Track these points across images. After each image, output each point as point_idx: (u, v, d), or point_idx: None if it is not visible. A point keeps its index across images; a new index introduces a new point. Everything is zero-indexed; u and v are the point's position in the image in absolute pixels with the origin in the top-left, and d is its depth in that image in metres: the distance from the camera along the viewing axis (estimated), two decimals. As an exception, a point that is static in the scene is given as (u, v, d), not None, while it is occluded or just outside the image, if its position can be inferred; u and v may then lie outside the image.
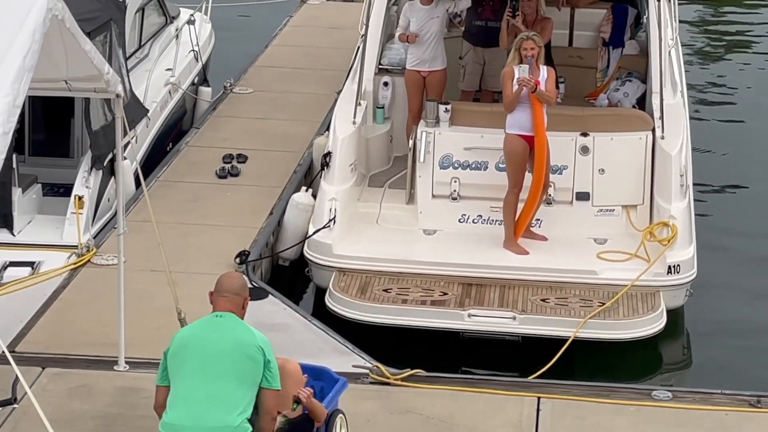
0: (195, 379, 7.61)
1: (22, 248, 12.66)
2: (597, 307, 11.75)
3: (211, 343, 7.65)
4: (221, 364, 7.60)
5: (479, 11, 14.44)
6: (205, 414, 7.57)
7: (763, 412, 10.15)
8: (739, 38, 23.43)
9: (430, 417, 10.00)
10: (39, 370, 10.51)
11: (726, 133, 18.46)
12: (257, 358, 7.64)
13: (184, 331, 7.91)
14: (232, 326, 7.77)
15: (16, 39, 8.03)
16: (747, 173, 16.96)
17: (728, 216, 15.46)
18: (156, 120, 15.57)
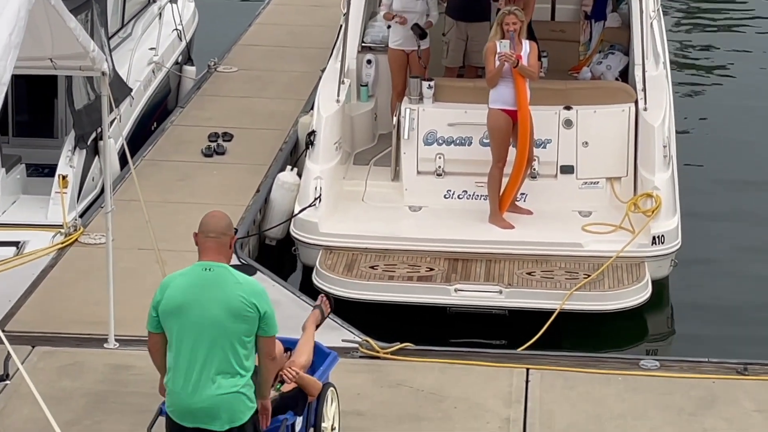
0: (194, 347, 7.60)
1: (6, 228, 12.64)
2: (583, 279, 11.80)
3: (205, 309, 7.57)
4: (217, 330, 7.56)
5: None
6: (207, 382, 7.53)
7: (750, 380, 10.21)
8: (722, 9, 23.45)
9: (420, 390, 10.03)
10: (29, 348, 10.50)
11: (709, 103, 18.51)
12: (251, 316, 7.58)
13: (174, 285, 7.68)
14: (223, 281, 7.63)
15: (1, 16, 8.03)
16: (731, 142, 17.05)
17: (713, 186, 15.52)
18: (140, 99, 15.56)
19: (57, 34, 9.30)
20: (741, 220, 14.67)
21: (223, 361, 7.59)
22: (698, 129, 17.47)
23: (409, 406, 9.80)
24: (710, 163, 16.26)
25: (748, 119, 17.84)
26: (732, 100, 18.67)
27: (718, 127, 17.66)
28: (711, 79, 19.72)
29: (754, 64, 20.37)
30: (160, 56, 16.51)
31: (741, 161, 16.39)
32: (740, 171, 16.10)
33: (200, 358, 7.58)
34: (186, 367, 7.61)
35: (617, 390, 10.05)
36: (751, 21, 22.76)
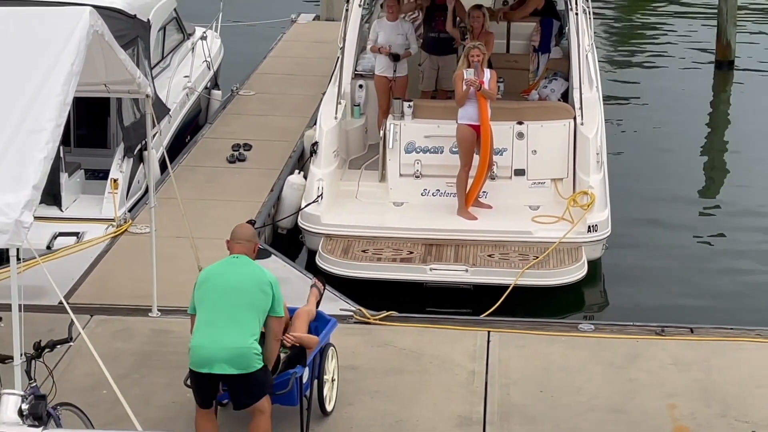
0: (216, 308, 7.65)
1: (69, 222, 12.63)
2: (532, 260, 11.79)
3: (230, 278, 7.70)
4: (238, 295, 7.65)
5: (433, 25, 14.38)
6: (224, 337, 7.60)
7: (666, 339, 10.24)
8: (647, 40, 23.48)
9: (402, 348, 10.04)
10: (88, 317, 10.51)
11: (634, 117, 18.49)
12: (268, 291, 7.70)
13: (208, 269, 7.92)
14: (247, 265, 7.82)
15: (65, 49, 8.04)
16: (653, 147, 17.02)
17: (637, 184, 15.48)
18: (176, 117, 15.50)
19: (109, 63, 9.28)
20: (660, 211, 14.65)
21: (240, 321, 7.62)
22: (626, 138, 17.46)
23: (394, 361, 9.81)
24: (635, 164, 16.25)
25: (665, 130, 17.85)
26: (652, 114, 18.67)
27: (642, 136, 17.66)
28: (635, 99, 19.71)
29: (671, 84, 20.39)
30: (192, 82, 16.45)
31: (660, 162, 16.39)
32: (659, 170, 16.08)
33: (220, 313, 7.60)
34: (207, 321, 7.63)
35: (560, 348, 10.07)
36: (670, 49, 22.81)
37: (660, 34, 24.02)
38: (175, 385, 9.23)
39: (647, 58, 22.37)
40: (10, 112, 7.54)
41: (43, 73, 7.81)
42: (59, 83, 7.76)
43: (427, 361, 9.79)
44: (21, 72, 7.83)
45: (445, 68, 14.29)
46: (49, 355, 7.89)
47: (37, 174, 7.27)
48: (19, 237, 6.95)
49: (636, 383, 9.46)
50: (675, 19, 25.12)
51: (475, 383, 9.45)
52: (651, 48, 23.10)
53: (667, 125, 18.03)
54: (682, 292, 12.44)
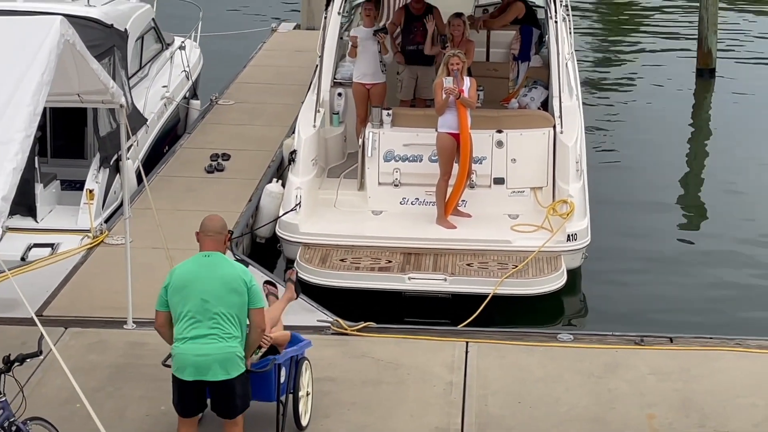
0: (196, 317, 7.62)
1: (44, 233, 12.50)
2: (511, 269, 11.72)
3: (206, 286, 7.63)
4: (216, 303, 7.62)
5: (411, 37, 14.26)
6: (207, 344, 7.58)
7: (646, 348, 10.17)
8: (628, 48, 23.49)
9: (380, 360, 9.94)
10: (62, 329, 10.40)
11: (614, 127, 18.48)
12: (241, 288, 7.64)
13: (180, 270, 7.80)
14: (219, 264, 7.72)
15: (35, 59, 7.94)
16: (633, 156, 17.00)
17: (617, 192, 15.45)
18: (154, 127, 15.38)
19: (82, 73, 9.18)
20: (639, 220, 14.63)
21: (220, 326, 7.56)
22: (606, 146, 17.45)
23: (372, 373, 9.71)
24: (615, 173, 16.23)
25: (646, 138, 17.86)
26: (633, 122, 18.69)
27: (623, 144, 17.64)
28: (616, 107, 19.72)
29: (652, 92, 20.39)
30: (170, 92, 16.33)
31: (641, 171, 16.38)
32: (639, 179, 16.07)
33: (201, 323, 7.56)
34: (189, 331, 7.59)
35: (539, 358, 9.99)
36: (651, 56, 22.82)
37: (641, 42, 24.04)
38: (150, 398, 9.15)
39: (628, 66, 22.38)
40: (-21, 123, 7.44)
41: (13, 83, 7.71)
42: (29, 93, 7.66)
43: (405, 372, 9.70)
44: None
45: (423, 77, 14.23)
46: (22, 368, 7.77)
47: (6, 185, 7.17)
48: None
49: (615, 393, 9.39)
50: (656, 26, 25.15)
51: (453, 394, 9.36)
52: (631, 56, 23.12)
53: (647, 133, 18.01)
54: (662, 301, 12.39)
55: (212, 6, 22.66)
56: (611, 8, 27.49)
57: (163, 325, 7.81)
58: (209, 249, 7.79)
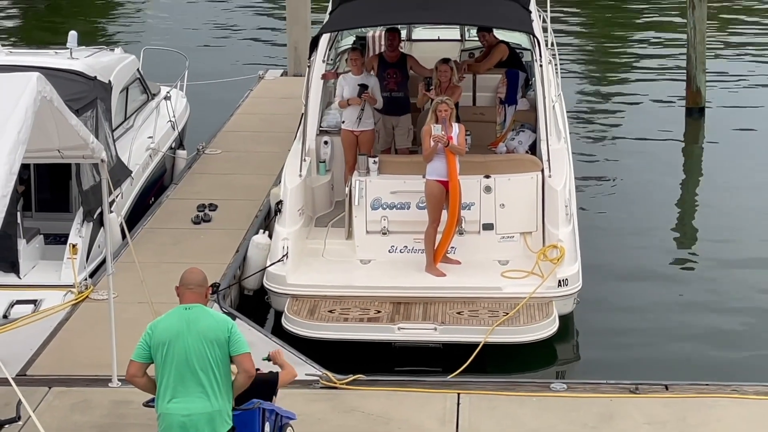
0: (179, 376, 7.49)
1: (26, 289, 12.32)
2: (502, 317, 11.57)
3: (186, 340, 7.49)
4: (199, 359, 7.47)
5: (384, 84, 14.16)
6: (192, 403, 7.44)
7: (641, 397, 10.02)
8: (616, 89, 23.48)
9: (370, 414, 9.79)
10: (46, 389, 10.21)
11: (604, 169, 18.40)
12: (222, 338, 7.50)
13: (161, 324, 7.64)
14: (199, 317, 7.57)
15: (11, 117, 7.83)
16: (624, 200, 16.88)
17: (608, 235, 15.32)
18: (139, 179, 15.24)
19: (61, 129, 9.06)
20: (631, 263, 14.48)
21: (205, 384, 7.40)
22: (596, 189, 17.33)
23: (362, 428, 9.56)
24: (605, 216, 16.12)
25: (637, 180, 17.72)
26: (623, 164, 18.58)
27: (613, 187, 17.54)
28: (605, 149, 19.63)
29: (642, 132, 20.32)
30: (156, 143, 16.20)
31: (632, 213, 16.25)
32: (631, 221, 15.94)
33: (185, 382, 7.45)
34: (172, 390, 7.47)
35: (532, 409, 9.83)
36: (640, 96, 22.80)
37: (629, 81, 24.02)
38: (135, 459, 8.96)
39: (616, 107, 22.32)
40: (-45, 184, 7.30)
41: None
42: (5, 152, 7.54)
43: (396, 427, 9.54)
44: (-35, 142, 7.59)
45: (399, 126, 14.20)
46: (2, 431, 7.59)
47: (-17, 247, 7.02)
48: (-38, 313, 6.68)
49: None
50: (644, 63, 25.14)
51: (445, 448, 9.20)
52: (620, 95, 23.07)
53: (638, 175, 17.91)
54: (657, 347, 12.21)
55: (198, 55, 22.65)
56: (599, 47, 27.50)
57: (137, 375, 7.69)
58: (190, 302, 7.66)
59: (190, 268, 7.90)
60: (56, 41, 19.74)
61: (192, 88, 19.48)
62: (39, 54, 15.48)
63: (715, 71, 22.95)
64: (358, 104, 13.77)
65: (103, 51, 16.32)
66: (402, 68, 14.28)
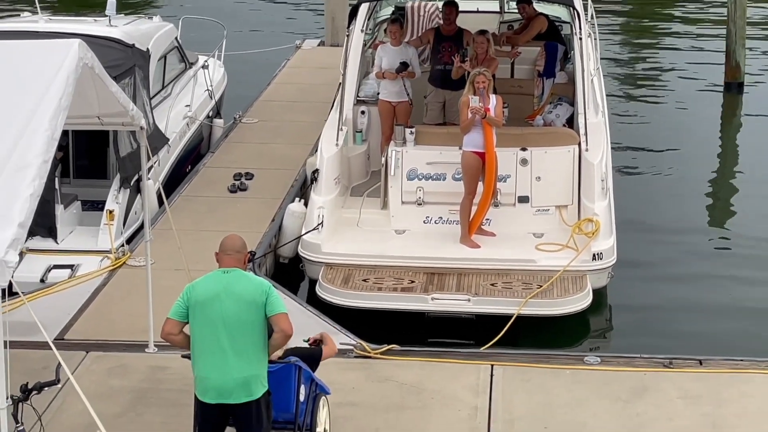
0: (216, 338, 7.50)
1: (63, 254, 12.44)
2: (536, 289, 11.56)
3: (224, 303, 7.51)
4: (236, 323, 7.48)
5: (439, 57, 14.14)
6: (229, 366, 7.46)
7: (675, 372, 9.99)
8: (654, 62, 23.30)
9: (403, 383, 9.80)
10: (83, 353, 10.32)
11: (641, 141, 18.30)
12: (259, 300, 7.51)
13: (199, 286, 7.68)
14: (237, 280, 7.60)
15: (53, 83, 7.85)
16: (660, 173, 16.81)
17: (644, 210, 15.25)
18: (176, 147, 15.32)
19: (102, 96, 9.09)
20: (667, 238, 14.42)
21: (243, 347, 7.46)
22: (633, 163, 17.25)
23: (395, 397, 9.57)
24: (642, 190, 16.04)
25: (674, 155, 17.67)
26: (660, 138, 18.48)
27: (650, 161, 17.45)
28: (643, 123, 19.52)
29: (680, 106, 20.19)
30: (193, 111, 16.28)
31: (668, 188, 16.19)
32: (667, 196, 15.87)
33: (221, 345, 7.47)
34: (208, 353, 7.49)
35: (565, 382, 9.82)
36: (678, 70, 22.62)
37: (667, 56, 23.84)
38: (171, 424, 9.06)
39: (655, 80, 22.18)
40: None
41: (30, 108, 7.62)
42: (46, 118, 7.57)
43: (429, 397, 9.56)
44: (7, 107, 7.63)
45: (451, 102, 14.07)
46: (43, 394, 7.68)
47: (23, 212, 7.06)
48: (3, 277, 6.74)
49: (643, 418, 9.21)
50: (683, 39, 24.94)
51: (478, 419, 9.21)
52: (658, 70, 22.92)
53: (675, 149, 17.81)
54: (691, 322, 12.18)
55: (236, 24, 22.69)
56: (638, 21, 27.29)
57: (172, 332, 7.71)
58: (228, 267, 7.71)
59: (229, 235, 7.99)
60: (95, 9, 19.84)
61: (229, 57, 19.55)
62: (78, 21, 15.57)
63: (754, 46, 22.73)
64: (395, 79, 13.75)
65: (142, 19, 16.41)
66: (458, 42, 14.15)
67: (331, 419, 8.67)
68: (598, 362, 10.17)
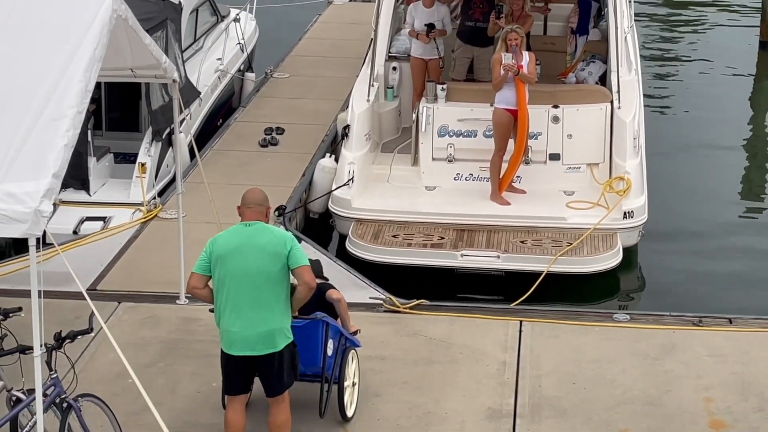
0: (240, 291, 7.54)
1: (96, 206, 12.55)
2: (566, 247, 11.58)
3: (246, 255, 7.54)
4: (259, 275, 7.52)
5: (470, 13, 14.08)
6: (254, 319, 7.51)
7: (704, 330, 10.00)
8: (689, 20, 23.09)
9: (432, 338, 9.86)
10: (116, 304, 10.45)
11: (675, 102, 18.19)
12: (281, 252, 7.54)
13: (221, 239, 7.72)
14: (260, 233, 7.62)
15: (87, 35, 7.87)
16: (693, 133, 16.71)
17: (676, 169, 15.20)
18: (207, 100, 15.38)
19: (135, 48, 9.13)
20: (698, 198, 14.39)
21: (266, 301, 7.50)
22: (665, 122, 17.15)
23: (423, 351, 9.64)
24: (674, 149, 15.95)
25: (707, 115, 17.55)
26: (693, 98, 18.37)
27: (683, 120, 17.36)
28: (676, 82, 19.38)
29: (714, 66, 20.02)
30: (225, 65, 16.31)
31: (701, 148, 16.10)
32: (699, 156, 15.81)
33: (244, 297, 7.52)
34: (232, 306, 7.55)
35: (594, 339, 9.85)
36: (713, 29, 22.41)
37: (702, 15, 23.59)
38: (201, 375, 9.16)
39: (689, 39, 21.99)
40: (32, 99, 7.40)
41: (65, 59, 7.66)
42: (81, 69, 7.60)
43: (457, 352, 9.62)
44: (42, 58, 7.68)
45: (479, 59, 14.03)
46: (76, 343, 7.78)
47: (58, 162, 7.12)
48: (38, 227, 6.81)
49: (671, 375, 9.24)
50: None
51: (506, 374, 9.26)
52: (693, 29, 22.71)
53: (708, 108, 17.69)
54: (721, 282, 12.16)
55: (268, -23, 22.57)
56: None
57: (197, 286, 7.76)
58: (250, 220, 7.74)
59: (251, 188, 8.00)
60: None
61: (261, 11, 19.52)
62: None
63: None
64: (426, 42, 13.70)
65: (174, -28, 16.37)
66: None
67: (360, 373, 8.74)
68: (627, 320, 10.19)
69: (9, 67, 7.64)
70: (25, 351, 7.43)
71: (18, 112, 7.28)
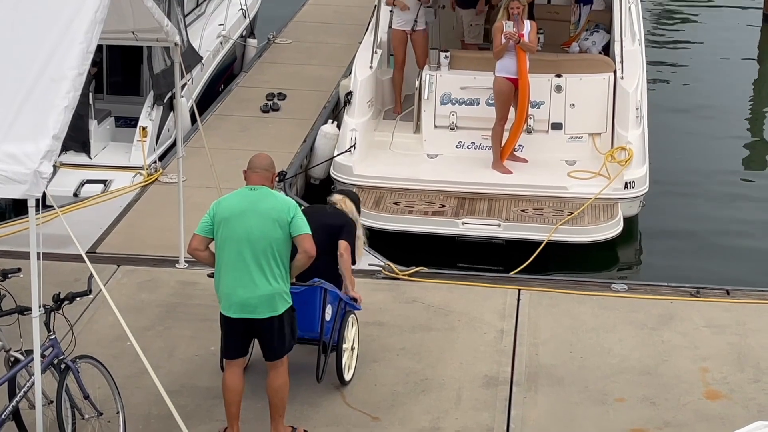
0: (241, 254, 7.54)
1: (96, 169, 12.55)
2: (566, 216, 11.59)
3: (249, 219, 7.54)
4: (260, 240, 7.52)
5: None
6: (253, 282, 7.50)
7: (701, 300, 10.02)
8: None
9: (431, 305, 9.89)
10: (115, 267, 10.46)
11: (678, 73, 18.14)
12: (284, 218, 7.54)
13: (225, 202, 7.72)
14: (264, 198, 7.63)
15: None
16: (696, 105, 16.69)
17: (678, 140, 15.19)
18: (209, 65, 15.34)
19: (137, 11, 9.11)
20: (701, 169, 14.38)
21: (266, 265, 7.50)
22: (668, 93, 17.12)
23: (422, 318, 9.66)
24: (676, 120, 15.94)
25: (709, 86, 17.53)
26: (696, 69, 18.33)
27: (685, 91, 17.32)
28: (679, 53, 19.32)
29: (717, 38, 19.95)
30: (227, 31, 16.26)
31: (703, 119, 16.08)
32: (701, 127, 15.79)
33: (244, 261, 7.51)
34: (232, 269, 7.55)
35: (591, 308, 9.87)
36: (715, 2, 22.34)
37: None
38: (200, 338, 9.19)
39: (692, 10, 21.89)
40: (32, 60, 7.39)
41: (66, 20, 7.63)
42: (82, 31, 7.58)
43: (455, 319, 9.64)
44: (43, 19, 7.66)
45: (462, 21, 14.06)
46: (74, 305, 7.81)
47: (58, 123, 7.11)
48: (37, 188, 6.81)
49: (668, 346, 9.26)
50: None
51: (504, 342, 9.29)
52: (696, 5, 22.60)
53: (711, 81, 17.65)
54: (720, 253, 12.18)
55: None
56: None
57: (198, 248, 7.77)
58: (256, 184, 7.74)
59: (258, 153, 7.99)
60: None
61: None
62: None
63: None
64: (403, 9, 13.56)
65: (176, -65, 16.30)
66: None
67: (367, 326, 8.77)
68: (625, 290, 10.21)
69: (9, 29, 7.62)
70: (24, 312, 7.46)
71: (19, 74, 7.26)
